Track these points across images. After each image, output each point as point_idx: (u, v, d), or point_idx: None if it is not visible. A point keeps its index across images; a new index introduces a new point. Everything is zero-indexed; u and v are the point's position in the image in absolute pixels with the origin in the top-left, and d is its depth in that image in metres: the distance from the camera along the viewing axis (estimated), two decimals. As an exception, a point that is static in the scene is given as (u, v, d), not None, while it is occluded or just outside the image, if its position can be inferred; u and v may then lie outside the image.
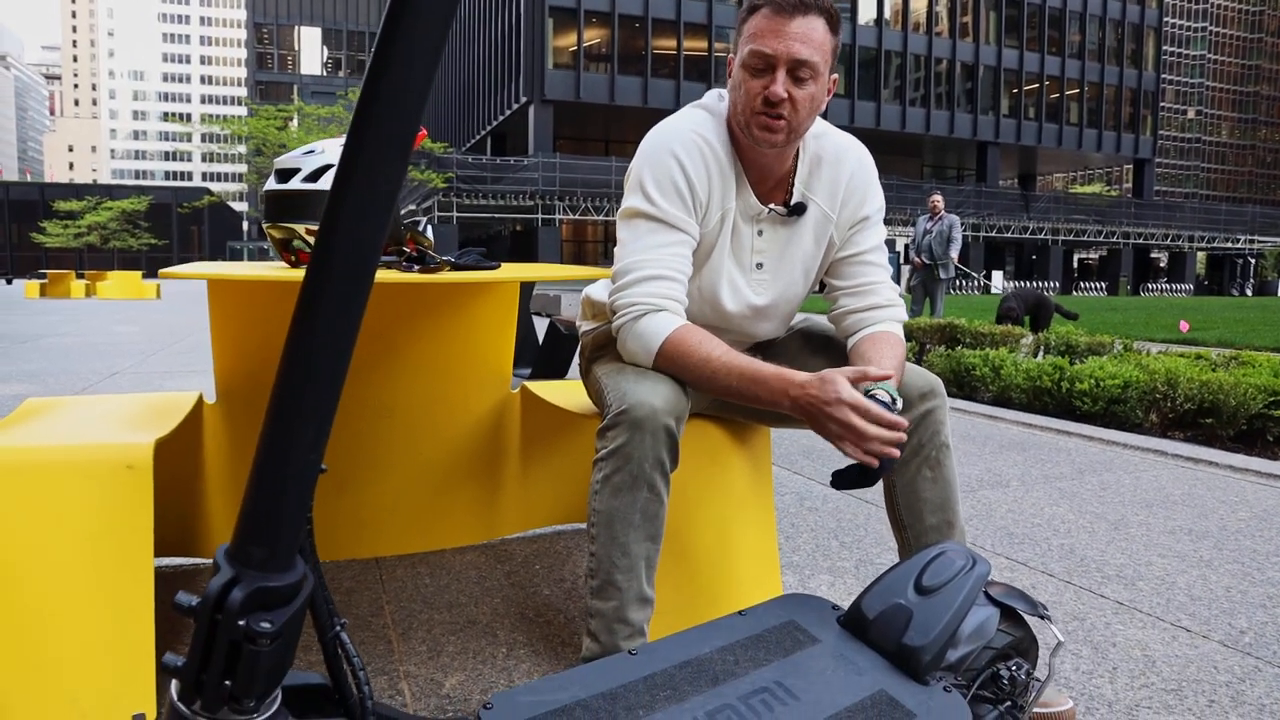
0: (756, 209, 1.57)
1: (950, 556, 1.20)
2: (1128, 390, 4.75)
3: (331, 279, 0.61)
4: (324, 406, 0.64)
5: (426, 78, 0.59)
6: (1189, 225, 53.60)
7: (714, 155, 1.53)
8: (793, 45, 1.43)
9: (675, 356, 1.44)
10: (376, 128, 0.58)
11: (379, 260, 0.63)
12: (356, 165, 0.60)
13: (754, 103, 1.46)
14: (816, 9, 1.45)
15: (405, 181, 1.76)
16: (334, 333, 0.64)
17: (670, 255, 1.49)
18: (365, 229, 0.62)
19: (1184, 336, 11.49)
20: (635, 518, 1.40)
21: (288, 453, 0.63)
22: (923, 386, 1.57)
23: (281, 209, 1.64)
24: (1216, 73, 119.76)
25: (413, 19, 0.57)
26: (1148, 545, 2.64)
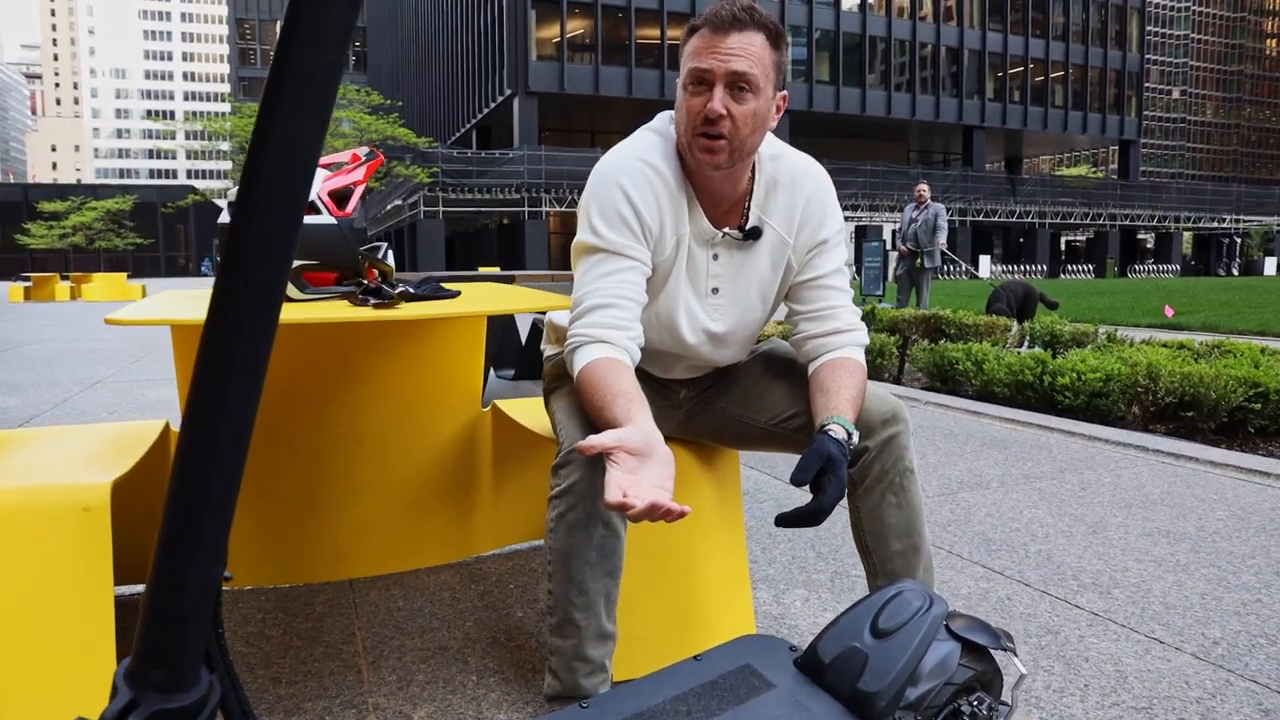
0: (710, 233, 1.55)
1: (907, 597, 1.19)
2: (1109, 384, 4.75)
3: (225, 371, 0.57)
4: (223, 509, 0.61)
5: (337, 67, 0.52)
6: (1175, 206, 53.78)
7: (662, 181, 1.51)
8: (729, 60, 1.41)
9: (580, 390, 1.42)
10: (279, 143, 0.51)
11: (270, 346, 0.58)
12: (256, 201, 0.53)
13: (694, 122, 1.44)
14: (755, 24, 1.42)
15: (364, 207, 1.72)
16: (234, 428, 0.61)
17: (616, 283, 1.46)
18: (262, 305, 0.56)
19: (1169, 321, 11.52)
20: (591, 555, 1.38)
21: (186, 565, 0.60)
22: (885, 413, 1.56)
23: (234, 243, 1.61)
24: (1201, 52, 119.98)
25: None
26: (1125, 549, 2.64)
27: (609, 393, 1.34)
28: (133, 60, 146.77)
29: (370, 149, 1.79)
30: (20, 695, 1.47)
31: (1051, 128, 49.83)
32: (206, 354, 0.56)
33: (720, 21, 1.42)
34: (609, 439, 1.19)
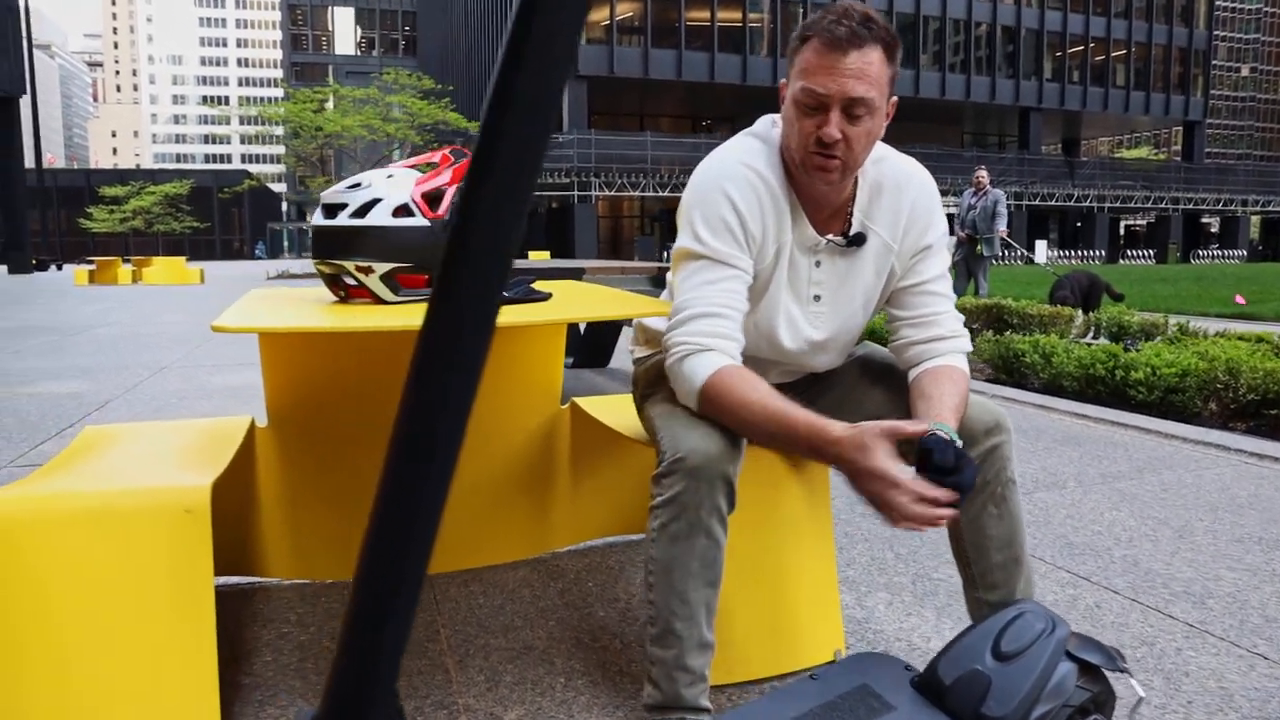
0: (814, 240, 1.52)
1: (1029, 619, 1.16)
2: (1185, 379, 4.62)
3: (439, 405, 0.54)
4: (420, 565, 0.58)
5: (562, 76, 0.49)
6: (1242, 189, 52.10)
7: (767, 188, 1.48)
8: (847, 83, 1.37)
9: (715, 399, 1.40)
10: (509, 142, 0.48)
11: (488, 346, 0.54)
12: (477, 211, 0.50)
13: (807, 142, 1.41)
14: (873, 39, 1.38)
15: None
16: (450, 427, 0.57)
17: (720, 291, 1.44)
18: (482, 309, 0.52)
19: (1241, 310, 11.18)
20: (694, 565, 1.37)
21: (383, 621, 0.58)
22: (988, 422, 1.52)
23: (330, 245, 1.61)
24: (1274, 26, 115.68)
25: None
26: (1215, 556, 2.56)
27: (767, 395, 1.38)
28: (189, 47, 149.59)
29: (460, 149, 1.78)
30: (126, 696, 1.50)
31: (1112, 108, 48.50)
32: (425, 353, 0.53)
33: (837, 39, 1.37)
34: (886, 428, 1.28)
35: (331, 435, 2.15)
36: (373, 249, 1.59)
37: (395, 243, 1.60)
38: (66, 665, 1.47)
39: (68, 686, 1.47)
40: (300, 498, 2.21)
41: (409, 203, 1.62)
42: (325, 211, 1.64)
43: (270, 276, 26.20)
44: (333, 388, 2.06)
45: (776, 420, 1.36)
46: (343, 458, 2.18)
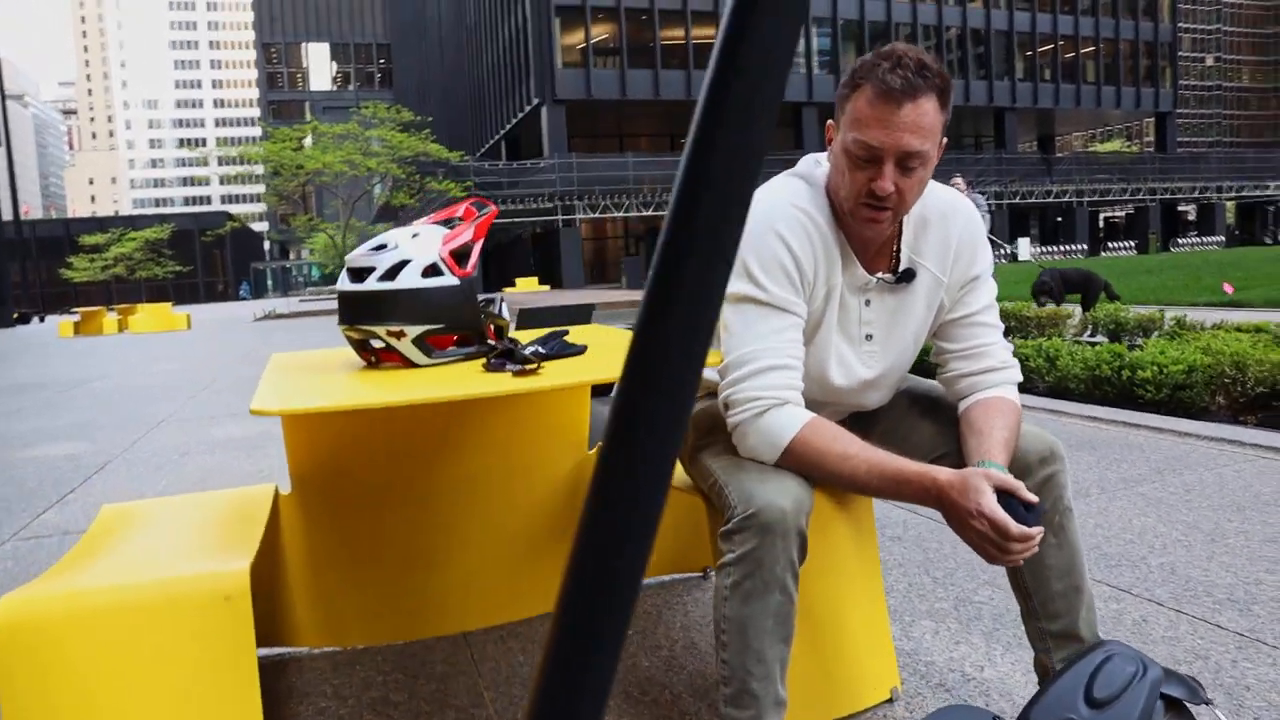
0: (864, 279, 1.50)
1: (1119, 662, 1.14)
2: (1192, 375, 4.62)
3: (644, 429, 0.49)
4: (631, 598, 0.52)
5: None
6: (1216, 175, 52.58)
7: (818, 230, 1.46)
8: (902, 138, 1.35)
9: (806, 455, 1.38)
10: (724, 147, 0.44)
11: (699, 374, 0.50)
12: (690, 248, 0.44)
13: (859, 193, 1.39)
14: (928, 87, 1.35)
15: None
16: (658, 455, 0.52)
17: (785, 342, 1.42)
18: None
19: (1229, 299, 11.23)
20: (768, 623, 1.34)
21: (586, 660, 0.52)
22: (1042, 451, 1.50)
23: (361, 311, 1.58)
24: (1234, 16, 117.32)
25: None
26: (1251, 559, 2.54)
27: (863, 446, 1.40)
28: (164, 91, 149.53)
29: (481, 200, 1.75)
30: (178, 781, 1.45)
31: (1084, 104, 48.95)
32: (627, 393, 0.48)
33: (892, 91, 1.34)
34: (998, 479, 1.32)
35: (358, 500, 2.11)
36: (405, 312, 1.56)
37: (427, 304, 1.57)
38: (113, 759, 1.43)
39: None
40: (328, 565, 2.16)
41: (438, 262, 1.59)
42: (352, 275, 1.60)
43: (258, 318, 26.10)
44: (360, 453, 2.02)
45: (880, 471, 1.37)
46: (370, 523, 2.15)
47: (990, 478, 1.30)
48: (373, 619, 2.22)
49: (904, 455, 1.63)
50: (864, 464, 1.36)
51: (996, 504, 1.27)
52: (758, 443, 1.41)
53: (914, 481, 1.33)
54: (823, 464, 1.38)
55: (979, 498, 1.27)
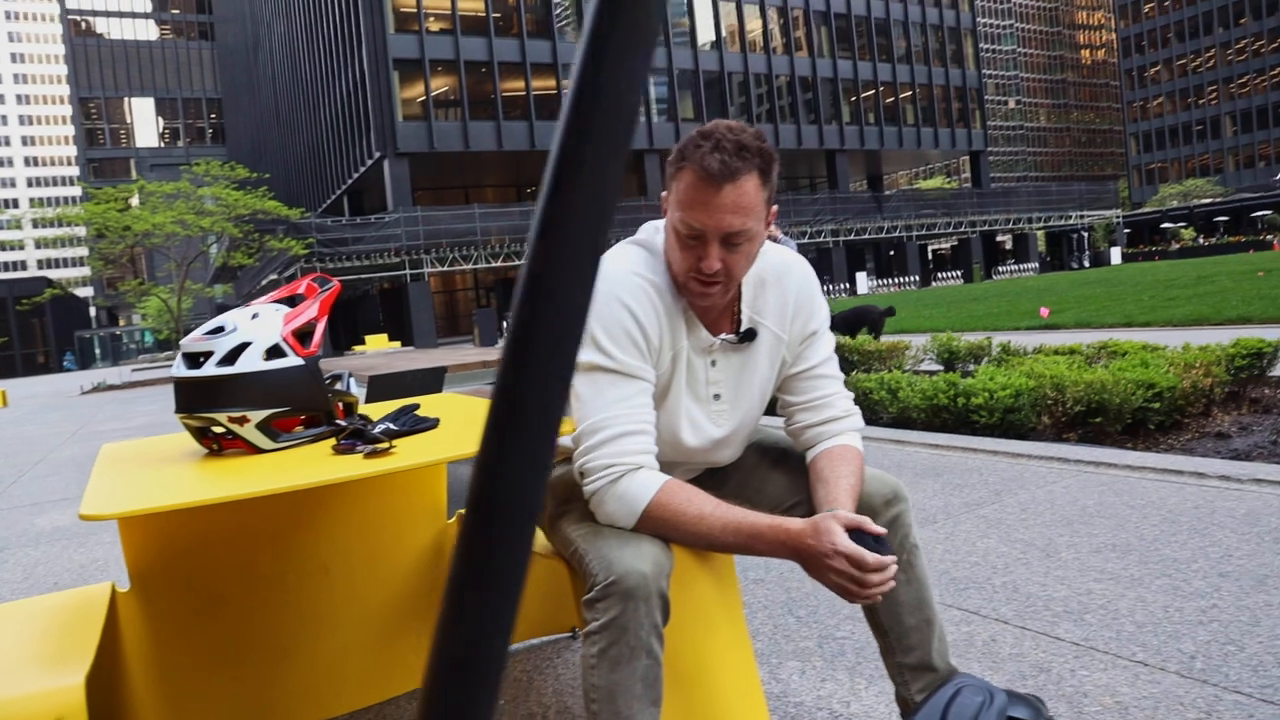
0: (708, 341, 1.55)
1: (967, 695, 1.20)
2: (1020, 399, 4.97)
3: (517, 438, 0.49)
4: (500, 667, 0.52)
5: None
6: (1026, 208, 57.04)
7: (660, 296, 1.50)
8: (724, 219, 1.40)
9: (663, 518, 1.40)
10: None
11: None
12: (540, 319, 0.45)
13: (688, 269, 1.44)
14: (747, 168, 1.40)
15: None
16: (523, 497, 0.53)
17: (636, 407, 1.44)
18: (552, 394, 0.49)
19: (1046, 322, 12.17)
20: (637, 688, 1.34)
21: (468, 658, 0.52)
22: (886, 494, 1.58)
23: (197, 398, 1.51)
24: (1029, 64, 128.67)
25: None
26: (1081, 570, 2.73)
27: (716, 504, 1.43)
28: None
29: (324, 276, 1.71)
30: None
31: (907, 145, 52.30)
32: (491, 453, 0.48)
33: (711, 175, 1.38)
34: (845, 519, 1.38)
35: (207, 594, 1.99)
36: (247, 397, 1.50)
37: (270, 388, 1.51)
38: None
39: None
40: (177, 663, 2.02)
41: (280, 343, 1.54)
42: (187, 361, 1.53)
43: (85, 390, 24.28)
44: (206, 544, 1.91)
45: (736, 528, 1.41)
46: (221, 616, 2.03)
47: (838, 518, 1.35)
48: (231, 715, 2.09)
49: (759, 507, 1.68)
50: (719, 522, 1.40)
51: (850, 540, 1.33)
52: (615, 509, 1.42)
53: (768, 535, 1.38)
54: (679, 526, 1.40)
55: (833, 537, 1.33)
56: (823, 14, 48.87)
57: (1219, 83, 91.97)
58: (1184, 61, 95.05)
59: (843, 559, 1.32)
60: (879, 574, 1.32)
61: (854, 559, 1.31)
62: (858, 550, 1.32)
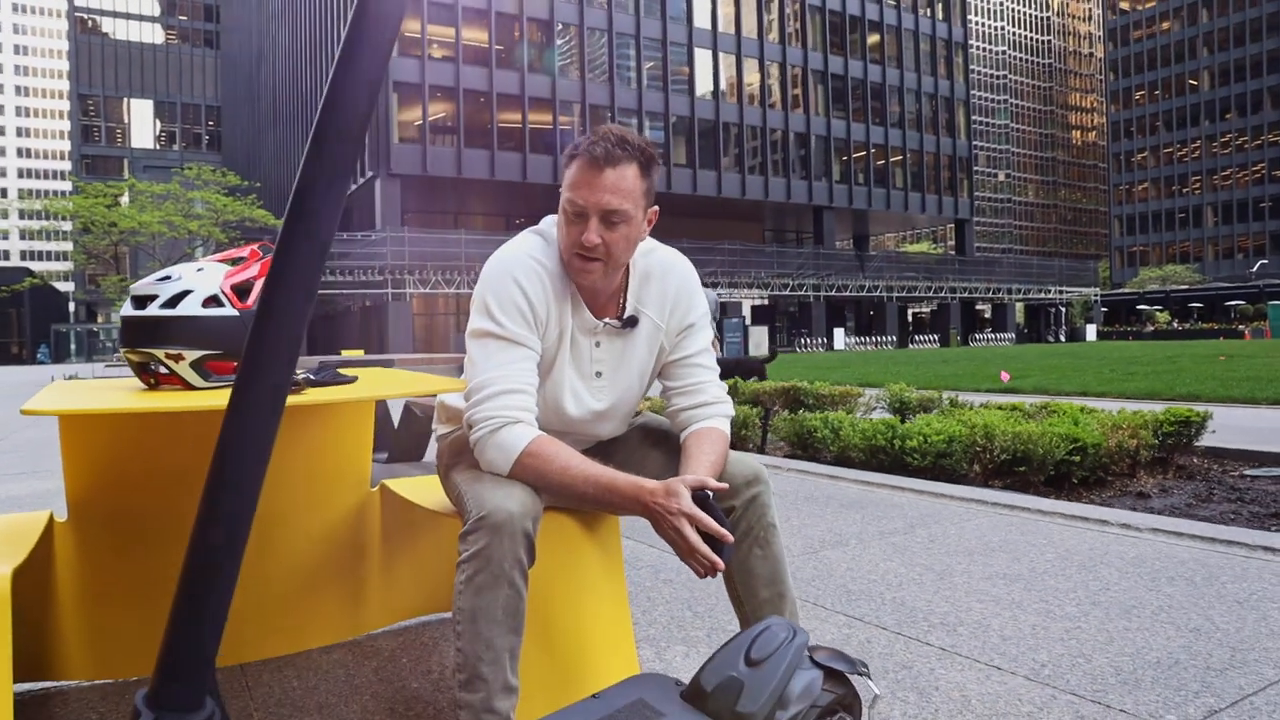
0: (593, 324, 1.75)
1: (774, 630, 1.38)
2: (952, 444, 5.18)
3: (252, 400, 0.72)
4: (240, 541, 0.74)
5: None
6: (1007, 279, 58.12)
7: (550, 278, 1.70)
8: (603, 197, 1.61)
9: (533, 466, 1.58)
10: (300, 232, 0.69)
11: (291, 381, 0.74)
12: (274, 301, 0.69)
13: (573, 245, 1.65)
14: (628, 157, 1.62)
15: None
16: (252, 462, 0.75)
17: (519, 370, 1.63)
18: (287, 343, 0.73)
19: (1006, 386, 12.47)
20: (498, 614, 1.51)
21: (206, 597, 0.73)
22: (747, 475, 1.76)
23: (140, 335, 1.69)
24: (1020, 140, 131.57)
25: None
26: (969, 592, 2.92)
27: (583, 461, 1.60)
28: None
29: (268, 244, 1.90)
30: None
31: (894, 208, 53.30)
32: (245, 374, 0.70)
33: (595, 159, 1.61)
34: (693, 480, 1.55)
35: (135, 528, 2.14)
36: (182, 337, 1.68)
37: (204, 331, 1.69)
38: None
39: None
40: (102, 594, 2.17)
41: (218, 294, 1.72)
42: (135, 303, 1.71)
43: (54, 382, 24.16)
44: (138, 477, 2.07)
45: (596, 480, 1.58)
46: (146, 552, 2.17)
47: (686, 481, 1.54)
48: (147, 650, 2.22)
49: (640, 479, 1.87)
50: (580, 475, 1.58)
51: (693, 504, 1.51)
52: (494, 456, 1.60)
53: (624, 490, 1.56)
54: (546, 475, 1.58)
55: (679, 500, 1.51)
56: (820, 73, 49.97)
57: (1203, 173, 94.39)
58: (1170, 150, 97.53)
59: (683, 519, 1.49)
60: (705, 547, 1.49)
61: (692, 517, 1.49)
62: (698, 513, 1.49)
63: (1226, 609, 2.66)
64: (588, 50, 41.79)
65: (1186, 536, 3.55)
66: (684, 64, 45.10)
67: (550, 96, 40.61)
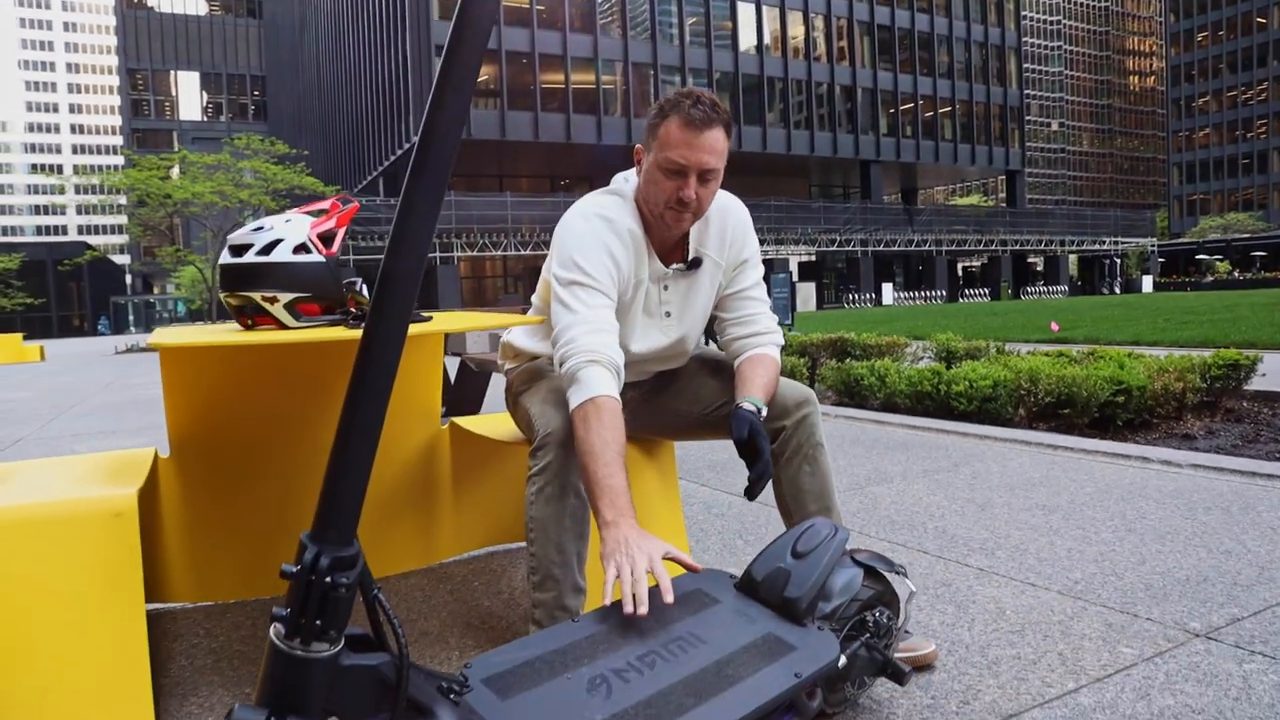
0: (662, 272, 1.91)
1: (818, 527, 1.53)
2: (997, 389, 5.25)
3: (384, 320, 0.89)
4: (379, 415, 0.92)
5: None
6: (1060, 230, 56.82)
7: (631, 236, 1.85)
8: (703, 156, 1.76)
9: (575, 421, 1.64)
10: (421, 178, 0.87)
11: (414, 307, 0.92)
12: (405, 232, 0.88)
13: (668, 199, 1.79)
14: (719, 121, 1.77)
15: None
16: (384, 371, 0.92)
17: (605, 315, 1.76)
18: (408, 284, 0.91)
19: (1055, 336, 12.37)
20: (566, 521, 1.68)
21: (356, 457, 0.91)
22: (798, 397, 1.91)
23: (239, 279, 1.87)
24: (1074, 87, 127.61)
25: None
26: (1008, 522, 3.04)
27: (609, 450, 1.58)
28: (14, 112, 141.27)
29: (346, 196, 2.07)
30: (70, 685, 1.67)
31: (943, 160, 52.27)
32: (376, 305, 0.89)
33: (694, 120, 1.74)
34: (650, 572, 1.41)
35: (233, 465, 2.35)
36: (277, 281, 1.86)
37: (296, 276, 1.87)
38: (11, 660, 1.64)
39: (12, 679, 1.64)
40: (202, 525, 2.39)
41: (306, 242, 1.90)
42: (232, 251, 1.89)
43: (119, 351, 25.01)
44: (235, 416, 2.28)
45: (598, 478, 1.56)
46: (244, 484, 2.39)
47: (669, 552, 1.47)
48: (245, 575, 2.45)
49: (695, 406, 2.03)
50: (599, 453, 1.57)
51: (645, 565, 1.41)
52: (571, 392, 1.70)
53: (598, 504, 1.55)
54: (582, 434, 1.61)
55: (647, 541, 1.46)
56: (866, 24, 48.95)
57: (1270, 116, 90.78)
58: (1234, 93, 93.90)
59: (640, 570, 1.40)
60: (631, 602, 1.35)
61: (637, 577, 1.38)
62: (642, 570, 1.40)
63: (1260, 534, 2.75)
64: (629, 7, 41.42)
65: (1228, 471, 3.62)
66: (727, 18, 44.47)
67: (593, 55, 40.40)
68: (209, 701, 1.91)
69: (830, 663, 1.36)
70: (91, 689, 1.69)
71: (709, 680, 1.27)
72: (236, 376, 2.21)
